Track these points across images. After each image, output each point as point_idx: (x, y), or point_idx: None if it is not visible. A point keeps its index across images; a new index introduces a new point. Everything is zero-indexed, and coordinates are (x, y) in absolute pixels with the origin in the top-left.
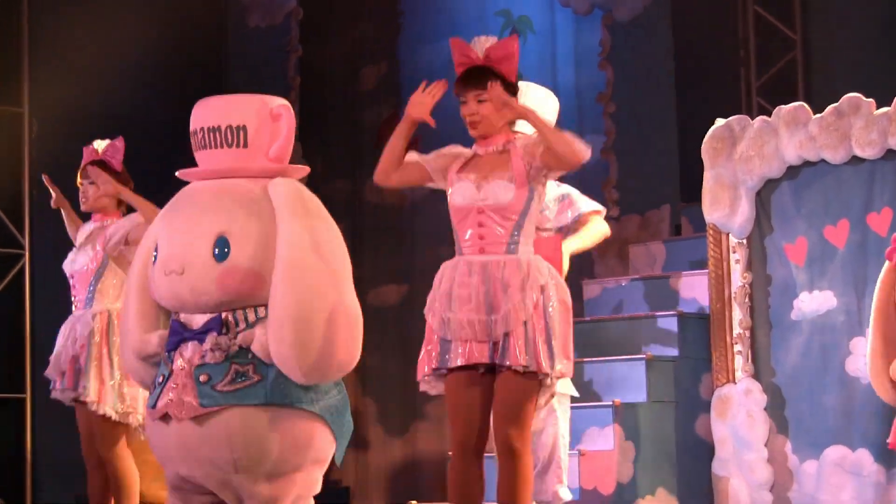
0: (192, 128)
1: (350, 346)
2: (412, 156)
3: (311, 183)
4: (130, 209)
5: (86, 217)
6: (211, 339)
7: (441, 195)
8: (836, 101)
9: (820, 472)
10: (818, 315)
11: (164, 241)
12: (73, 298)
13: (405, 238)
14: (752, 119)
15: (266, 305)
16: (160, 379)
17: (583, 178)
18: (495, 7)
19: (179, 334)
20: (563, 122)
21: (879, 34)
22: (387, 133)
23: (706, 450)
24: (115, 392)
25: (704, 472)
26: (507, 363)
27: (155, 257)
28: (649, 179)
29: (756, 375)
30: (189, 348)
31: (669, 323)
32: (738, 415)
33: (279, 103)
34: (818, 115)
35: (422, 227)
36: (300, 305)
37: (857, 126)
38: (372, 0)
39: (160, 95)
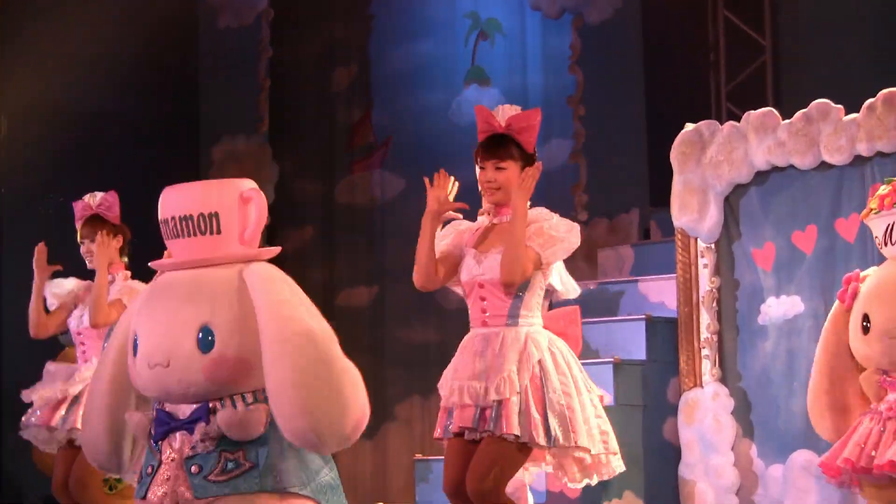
0: (161, 216)
1: (361, 403)
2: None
3: (281, 184)
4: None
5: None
6: (200, 429)
7: (410, 197)
8: (806, 107)
9: (786, 476)
10: (785, 320)
11: (144, 333)
12: (79, 353)
13: (376, 239)
14: (722, 124)
15: (253, 392)
16: (149, 470)
17: (552, 182)
18: (464, 9)
19: (166, 424)
20: None
21: (849, 40)
22: (359, 137)
23: (673, 453)
24: None
25: (671, 475)
26: (498, 432)
27: (135, 349)
28: (618, 183)
29: (723, 380)
30: (178, 439)
31: (637, 327)
32: (705, 419)
33: (249, 187)
34: (787, 121)
35: (392, 229)
36: (298, 372)
37: (825, 132)
38: (342, 1)
39: (131, 96)
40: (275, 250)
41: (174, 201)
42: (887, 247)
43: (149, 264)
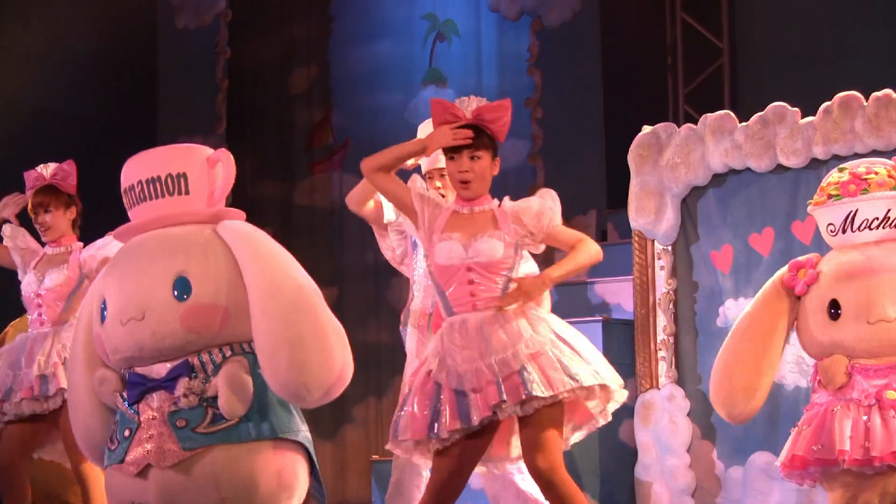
0: (125, 185)
1: (345, 355)
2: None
3: (240, 185)
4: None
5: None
6: (183, 384)
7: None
8: (762, 110)
9: (746, 477)
10: None
11: (115, 293)
12: (34, 317)
13: (335, 241)
14: (679, 127)
15: (230, 344)
16: (126, 433)
17: (508, 183)
18: (422, 11)
19: (142, 385)
20: None
21: (806, 44)
22: (318, 138)
23: (629, 455)
24: None
25: (627, 477)
26: (529, 394)
27: (103, 314)
28: (576, 185)
29: (680, 381)
30: (156, 398)
31: (594, 328)
32: (662, 420)
33: (217, 150)
34: (744, 124)
35: (351, 231)
36: (288, 327)
37: (781, 135)
38: (302, 3)
39: (88, 95)
40: (241, 213)
41: (139, 166)
42: (845, 234)
43: (109, 234)
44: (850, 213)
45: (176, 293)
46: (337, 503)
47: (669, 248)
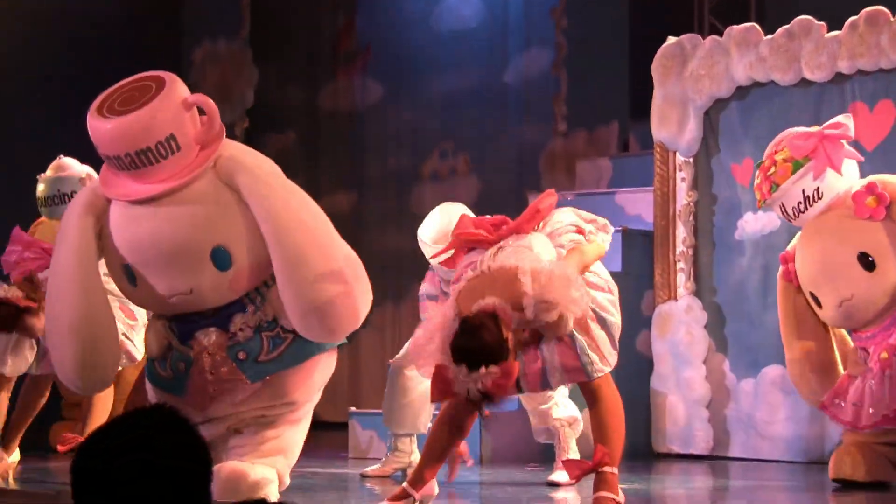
0: (111, 152)
1: (366, 292)
2: None
3: (263, 90)
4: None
5: None
6: (239, 319)
7: (388, 104)
8: (788, 23)
9: (757, 390)
10: (761, 236)
11: (145, 267)
12: None
13: (357, 146)
14: (704, 38)
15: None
16: (181, 366)
17: (532, 92)
18: None
19: (193, 322)
20: (513, 35)
21: None
22: (343, 43)
23: (646, 366)
24: None
25: (643, 387)
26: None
27: (131, 278)
28: (599, 95)
29: (697, 293)
30: (211, 335)
31: (614, 239)
32: (679, 332)
33: (183, 91)
34: (769, 37)
35: (374, 136)
36: (314, 293)
37: (806, 49)
38: None
39: (115, 11)
40: (223, 133)
41: (121, 138)
42: (797, 218)
43: (115, 198)
44: (782, 208)
45: (218, 265)
46: (350, 407)
47: (691, 160)
